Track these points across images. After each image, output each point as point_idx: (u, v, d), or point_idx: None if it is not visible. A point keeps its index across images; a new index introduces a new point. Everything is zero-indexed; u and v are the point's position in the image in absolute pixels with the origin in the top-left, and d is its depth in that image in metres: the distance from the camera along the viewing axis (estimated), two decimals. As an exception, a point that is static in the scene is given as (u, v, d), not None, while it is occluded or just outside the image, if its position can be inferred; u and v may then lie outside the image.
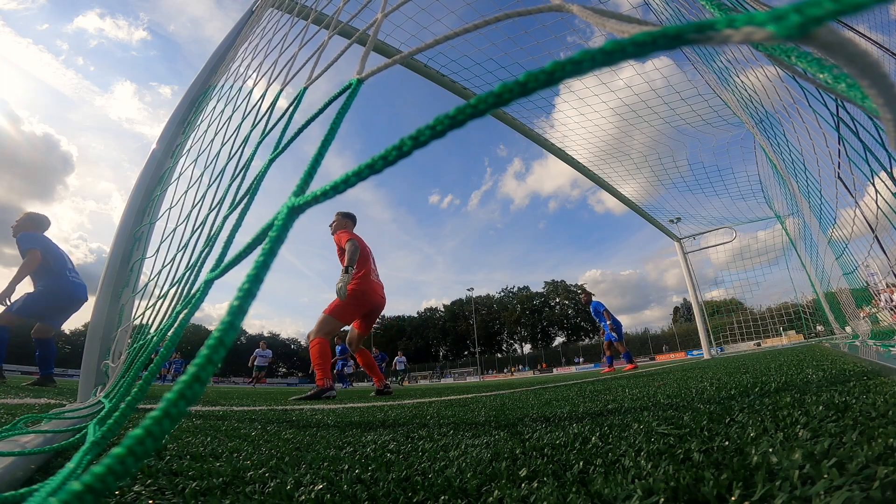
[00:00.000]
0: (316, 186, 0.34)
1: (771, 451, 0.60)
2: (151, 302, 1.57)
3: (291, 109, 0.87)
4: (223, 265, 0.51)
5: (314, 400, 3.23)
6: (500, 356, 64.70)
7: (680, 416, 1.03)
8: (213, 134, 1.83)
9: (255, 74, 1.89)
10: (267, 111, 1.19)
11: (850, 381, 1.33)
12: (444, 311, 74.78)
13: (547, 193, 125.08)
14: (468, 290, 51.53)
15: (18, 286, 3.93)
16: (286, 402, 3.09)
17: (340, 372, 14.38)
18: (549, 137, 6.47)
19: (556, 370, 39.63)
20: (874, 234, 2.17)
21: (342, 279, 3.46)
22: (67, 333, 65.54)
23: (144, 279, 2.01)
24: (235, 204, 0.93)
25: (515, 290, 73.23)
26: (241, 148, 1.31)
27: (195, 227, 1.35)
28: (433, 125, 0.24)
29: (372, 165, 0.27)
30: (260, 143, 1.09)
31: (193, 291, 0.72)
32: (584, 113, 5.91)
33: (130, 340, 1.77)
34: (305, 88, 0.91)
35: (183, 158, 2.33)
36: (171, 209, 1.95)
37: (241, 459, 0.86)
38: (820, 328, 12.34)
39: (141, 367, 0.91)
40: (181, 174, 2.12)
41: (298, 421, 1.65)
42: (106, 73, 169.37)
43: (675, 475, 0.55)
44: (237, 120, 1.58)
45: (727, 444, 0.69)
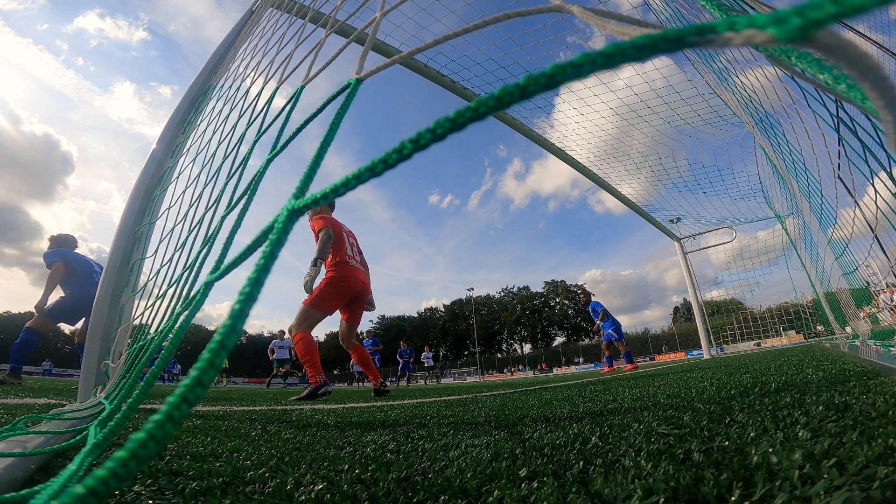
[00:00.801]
0: (316, 188, 0.34)
1: (771, 451, 0.60)
2: (151, 302, 1.57)
3: (289, 108, 0.87)
4: (223, 267, 0.51)
5: (312, 400, 3.14)
6: (500, 356, 64.70)
7: (680, 416, 1.04)
8: (212, 134, 1.83)
9: (254, 74, 1.89)
10: (263, 109, 1.19)
11: (850, 381, 1.33)
12: (444, 311, 74.77)
13: (547, 193, 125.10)
14: (468, 290, 51.49)
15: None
16: (287, 402, 3.09)
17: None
18: (549, 137, 6.47)
19: (556, 370, 39.62)
20: (874, 234, 2.17)
21: (308, 272, 3.24)
22: (67, 333, 65.48)
23: (144, 279, 2.01)
24: (234, 203, 0.93)
25: (515, 290, 73.24)
26: (237, 146, 1.31)
27: (192, 226, 1.35)
28: (433, 128, 0.24)
29: (372, 168, 0.27)
30: (256, 141, 1.09)
31: (193, 293, 0.72)
32: (584, 113, 5.91)
33: (130, 340, 1.77)
34: (302, 87, 0.91)
35: (183, 158, 2.33)
36: (170, 209, 1.95)
37: (241, 459, 0.86)
38: (820, 328, 12.34)
39: (142, 368, 0.91)
40: (181, 174, 2.12)
41: (298, 421, 1.65)
42: (106, 73, 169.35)
43: (675, 475, 0.55)
44: (237, 120, 1.58)
45: (727, 444, 0.69)
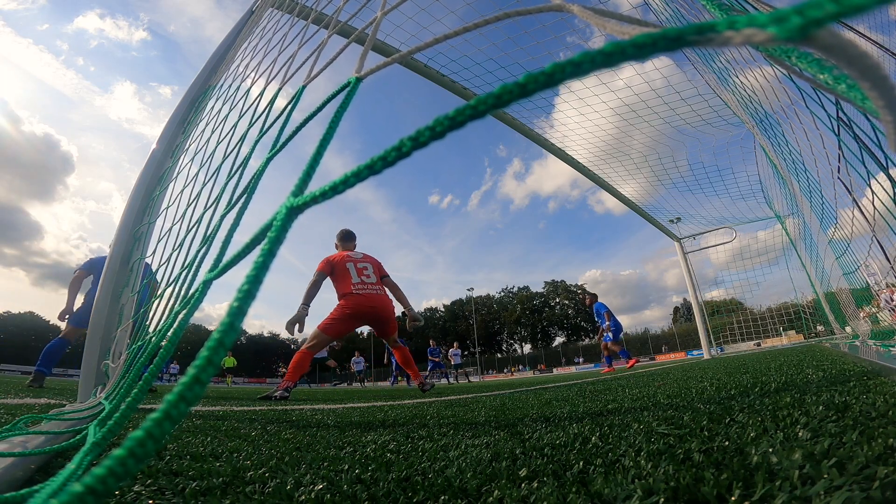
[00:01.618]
0: (315, 186, 0.34)
1: (771, 451, 0.60)
2: (149, 302, 1.56)
3: (290, 108, 0.87)
4: (222, 265, 0.51)
5: (268, 400, 3.27)
6: (500, 356, 64.66)
7: (680, 416, 1.04)
8: (212, 134, 1.82)
9: (254, 74, 1.89)
10: (265, 110, 1.19)
11: (850, 381, 1.33)
12: (444, 311, 74.75)
13: (547, 193, 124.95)
14: (468, 290, 51.45)
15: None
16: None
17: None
18: (549, 137, 6.47)
19: (556, 370, 39.60)
20: (873, 234, 2.17)
21: (297, 312, 3.61)
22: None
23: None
24: (233, 203, 0.93)
25: (515, 290, 73.22)
26: (238, 146, 1.31)
27: (191, 226, 1.35)
28: (432, 126, 0.24)
29: (371, 166, 0.27)
30: (258, 141, 1.09)
31: (192, 291, 0.72)
32: (584, 113, 5.91)
33: (130, 340, 1.77)
34: (304, 87, 0.91)
35: (183, 158, 2.32)
36: (169, 209, 1.95)
37: (241, 459, 0.86)
38: (820, 328, 12.35)
39: (141, 367, 0.90)
40: (181, 174, 2.12)
41: (298, 421, 1.65)
42: (106, 73, 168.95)
43: (675, 475, 0.55)
44: (236, 120, 1.58)
45: (727, 444, 0.69)
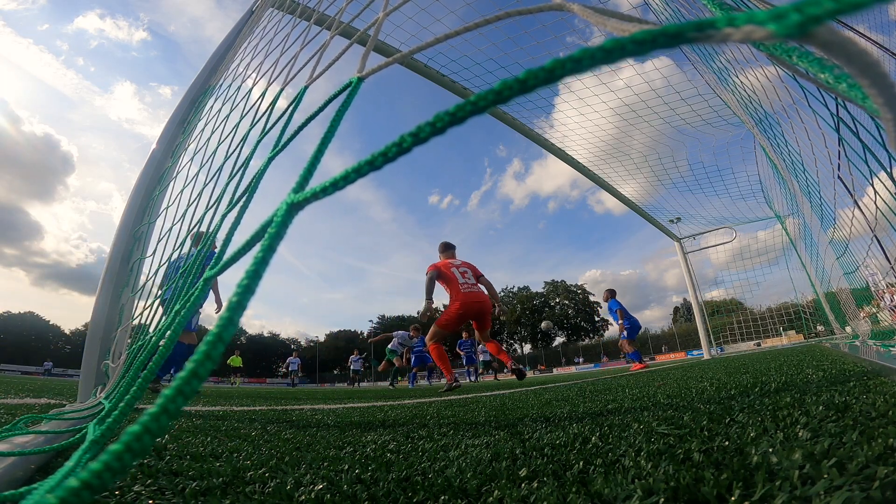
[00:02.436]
0: (316, 184, 0.34)
1: (771, 451, 0.60)
2: (150, 301, 1.56)
3: (291, 108, 0.87)
4: (222, 263, 0.51)
5: (451, 391, 4.12)
6: (500, 356, 64.60)
7: (680, 416, 1.03)
8: (212, 134, 1.82)
9: (254, 74, 1.89)
10: (267, 110, 1.19)
11: (850, 381, 1.33)
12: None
13: (546, 194, 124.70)
14: (468, 290, 51.38)
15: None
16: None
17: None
18: (549, 137, 6.47)
19: (556, 370, 39.56)
20: (873, 234, 2.17)
21: (424, 306, 4.52)
22: (67, 333, 65.56)
23: (145, 279, 2.01)
24: (234, 202, 0.93)
25: (515, 290, 73.14)
26: (239, 147, 1.31)
27: (191, 226, 1.35)
28: (433, 122, 0.24)
29: (372, 162, 0.27)
30: (259, 141, 1.09)
31: (192, 290, 0.72)
32: (583, 113, 5.91)
33: (130, 340, 1.77)
34: (306, 87, 0.91)
35: (183, 158, 2.32)
36: (169, 209, 1.95)
37: (241, 459, 0.86)
38: (820, 328, 12.34)
39: (140, 366, 0.90)
40: (181, 174, 2.12)
41: (298, 421, 1.65)
42: (106, 73, 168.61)
43: (675, 475, 0.55)
44: (237, 120, 1.58)
45: (727, 444, 0.69)
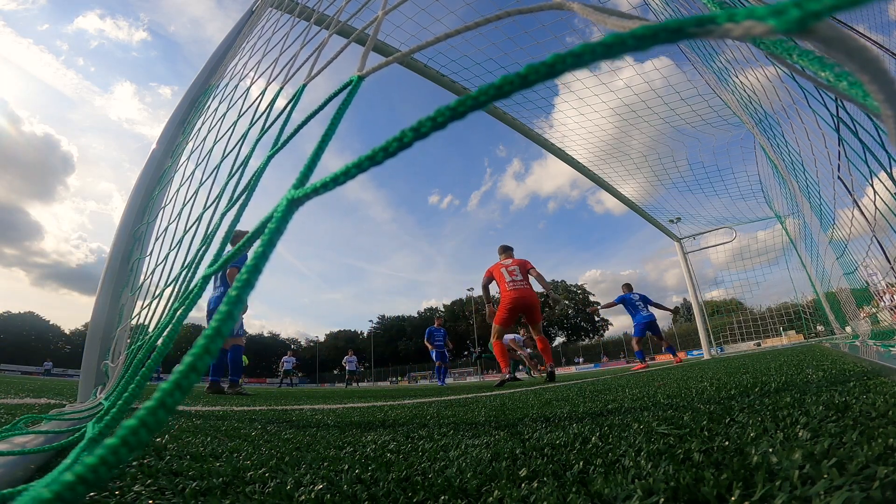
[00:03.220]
0: (316, 180, 0.34)
1: (771, 451, 0.60)
2: (148, 301, 1.56)
3: (290, 107, 0.87)
4: (221, 260, 0.51)
5: (501, 386, 4.67)
6: (500, 356, 64.51)
7: (680, 416, 1.03)
8: (212, 133, 1.82)
9: (254, 74, 1.89)
10: (266, 109, 1.19)
11: (850, 381, 1.33)
12: (444, 311, 74.67)
13: (546, 194, 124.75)
14: (468, 290, 51.33)
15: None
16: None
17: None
18: (548, 137, 6.47)
19: (555, 370, 39.45)
20: (873, 234, 2.17)
21: (487, 310, 5.33)
22: (67, 333, 65.55)
23: (145, 279, 2.01)
24: (234, 201, 0.93)
25: (515, 290, 73.08)
26: (238, 145, 1.31)
27: (189, 225, 1.35)
28: (434, 117, 0.24)
29: (372, 157, 0.27)
30: (258, 140, 1.09)
31: (191, 287, 0.72)
32: (583, 113, 5.91)
33: (129, 340, 1.77)
34: (304, 85, 0.91)
35: (183, 158, 2.32)
36: (166, 208, 1.95)
37: (241, 459, 0.86)
38: (820, 328, 12.33)
39: (139, 365, 0.90)
40: (181, 174, 2.12)
41: (298, 421, 1.65)
42: (106, 73, 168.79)
43: (675, 475, 0.55)
44: (237, 119, 1.58)
45: (727, 444, 0.69)
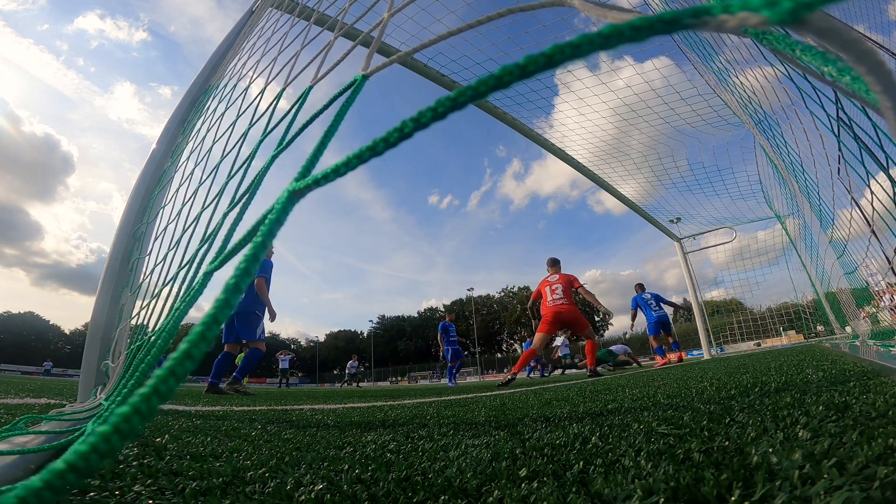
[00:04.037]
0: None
1: (771, 451, 0.60)
2: (146, 301, 1.56)
3: (296, 107, 0.87)
4: (223, 255, 0.51)
5: (597, 376, 5.13)
6: (500, 356, 64.62)
7: (680, 416, 1.03)
8: (213, 134, 1.82)
9: (255, 75, 1.89)
10: (268, 109, 1.20)
11: (850, 381, 1.33)
12: (444, 311, 74.64)
13: (546, 194, 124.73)
14: (468, 290, 51.39)
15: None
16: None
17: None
18: (548, 137, 6.47)
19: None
20: (872, 233, 2.17)
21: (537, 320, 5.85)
22: (67, 333, 65.53)
23: (145, 279, 2.01)
24: (235, 202, 0.93)
25: (515, 290, 73.13)
26: (238, 144, 1.31)
27: (186, 225, 1.35)
28: (434, 107, 0.24)
29: (373, 147, 0.27)
30: (261, 141, 1.09)
31: (192, 285, 0.72)
32: (583, 113, 5.91)
33: (129, 340, 1.77)
34: (311, 87, 0.91)
35: (183, 158, 2.32)
36: (169, 209, 1.95)
37: (241, 459, 0.86)
38: (820, 328, 12.33)
39: (139, 365, 0.90)
40: (181, 174, 2.12)
41: (298, 421, 1.65)
42: (106, 73, 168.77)
43: (675, 475, 0.55)
44: (237, 119, 1.58)
45: (727, 444, 0.69)
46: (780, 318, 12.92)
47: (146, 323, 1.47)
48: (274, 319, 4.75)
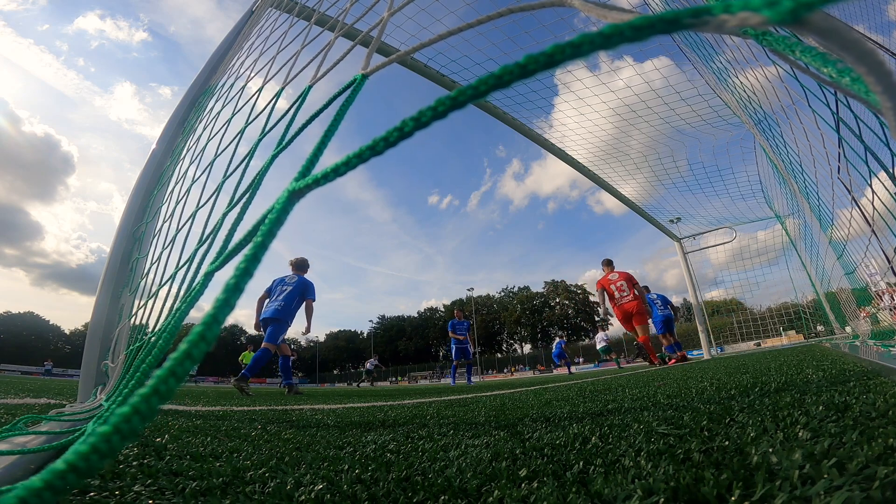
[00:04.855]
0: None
1: (771, 451, 0.60)
2: (144, 301, 1.56)
3: (296, 107, 0.87)
4: (223, 256, 0.51)
5: (658, 366, 6.10)
6: (500, 356, 64.61)
7: (680, 416, 1.03)
8: (213, 134, 1.82)
9: (255, 74, 1.89)
10: (266, 107, 1.20)
11: (850, 381, 1.33)
12: (444, 311, 74.61)
13: (546, 194, 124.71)
14: (468, 290, 51.47)
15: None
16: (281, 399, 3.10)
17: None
18: (548, 137, 6.47)
19: (555, 370, 39.54)
20: (872, 233, 2.17)
21: (602, 316, 6.76)
22: (67, 333, 65.53)
23: (144, 279, 2.01)
24: (235, 201, 0.93)
25: (515, 290, 73.12)
26: (236, 144, 1.31)
27: (186, 224, 1.35)
28: (434, 106, 0.24)
29: (373, 147, 0.27)
30: (260, 140, 1.09)
31: (193, 285, 0.72)
32: (583, 113, 5.91)
33: (129, 341, 1.77)
34: (310, 86, 0.91)
35: (183, 158, 2.32)
36: (170, 209, 1.95)
37: (241, 459, 0.86)
38: (820, 328, 12.34)
39: (139, 366, 0.90)
40: (181, 174, 2.12)
41: (298, 421, 1.65)
42: (106, 73, 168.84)
43: (675, 475, 0.55)
44: (238, 120, 1.58)
45: (727, 444, 0.69)
46: (780, 318, 12.93)
47: (146, 323, 1.47)
48: (307, 334, 5.22)
